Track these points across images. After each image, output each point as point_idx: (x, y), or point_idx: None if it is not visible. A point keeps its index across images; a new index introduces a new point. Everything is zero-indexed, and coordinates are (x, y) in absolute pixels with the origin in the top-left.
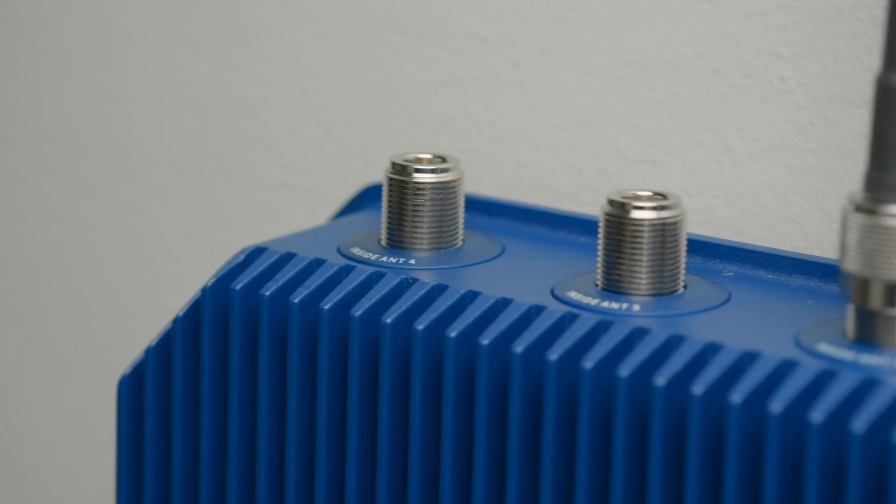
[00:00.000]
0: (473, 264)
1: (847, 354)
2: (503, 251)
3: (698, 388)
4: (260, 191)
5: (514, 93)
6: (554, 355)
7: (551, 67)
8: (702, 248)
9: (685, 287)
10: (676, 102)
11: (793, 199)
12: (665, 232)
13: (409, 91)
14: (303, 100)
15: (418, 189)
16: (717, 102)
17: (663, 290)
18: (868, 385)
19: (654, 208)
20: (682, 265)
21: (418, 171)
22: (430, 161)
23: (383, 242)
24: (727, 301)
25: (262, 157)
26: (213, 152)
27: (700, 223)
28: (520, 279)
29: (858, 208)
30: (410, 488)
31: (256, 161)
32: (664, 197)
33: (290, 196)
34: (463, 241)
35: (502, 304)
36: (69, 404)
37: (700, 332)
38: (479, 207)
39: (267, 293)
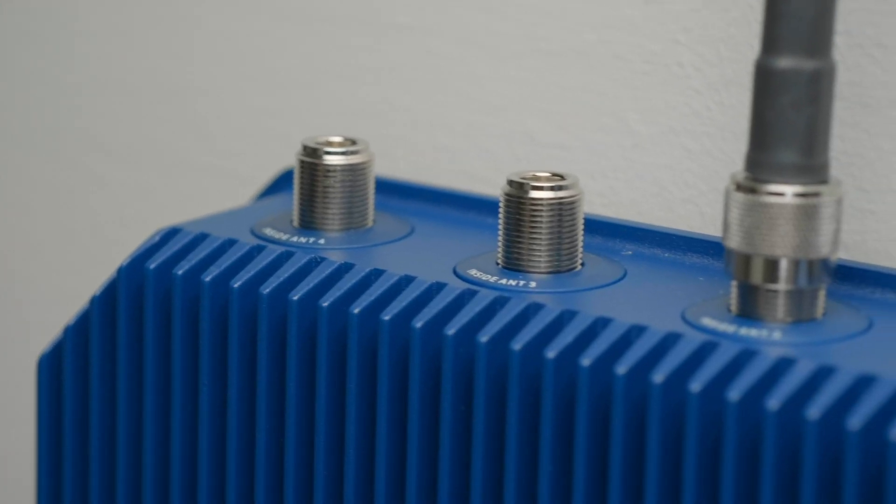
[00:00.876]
0: (381, 244)
1: (729, 328)
2: (412, 231)
3: (586, 360)
4: (190, 175)
5: (430, 79)
6: (451, 330)
7: (465, 54)
8: (602, 228)
9: (582, 264)
10: (582, 88)
11: (690, 181)
12: (562, 211)
13: (331, 78)
14: (230, 86)
15: (328, 171)
16: (620, 87)
17: (561, 268)
18: (746, 356)
19: (552, 188)
20: (580, 243)
21: (328, 153)
22: (340, 143)
23: (295, 223)
24: (622, 278)
25: (191, 143)
26: (144, 138)
27: (604, 205)
28: (425, 258)
29: (739, 187)
30: (317, 463)
31: (186, 146)
32: (562, 178)
33: (219, 180)
34: (373, 221)
35: (405, 281)
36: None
37: (592, 307)
38: (392, 190)
39: (179, 272)
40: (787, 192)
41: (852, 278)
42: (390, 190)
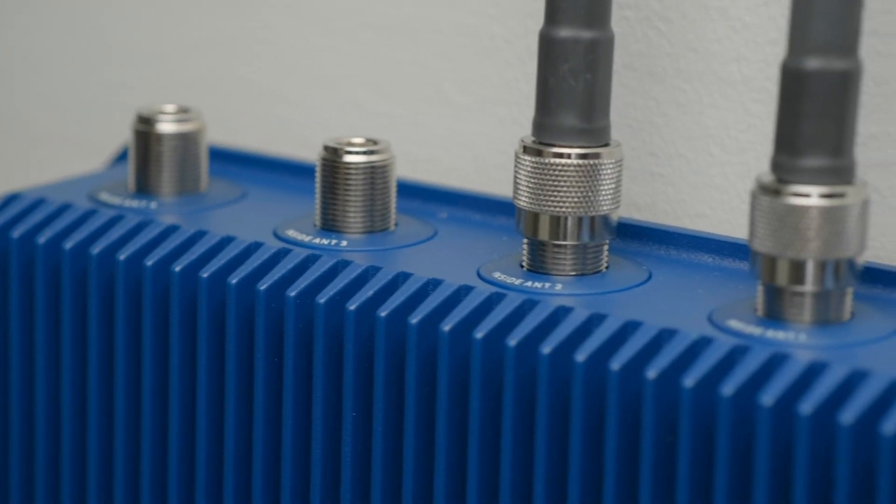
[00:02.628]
0: (212, 207)
1: (516, 281)
2: (244, 195)
3: (383, 311)
4: (41, 146)
5: (267, 52)
6: (264, 286)
7: (299, 28)
8: (420, 192)
9: (396, 225)
10: (406, 60)
11: (502, 148)
12: (374, 174)
13: (173, 50)
14: (81, 60)
15: (161, 139)
16: (439, 60)
17: (374, 228)
18: (529, 304)
19: (364, 153)
20: (392, 205)
21: (161, 121)
22: (173, 113)
23: (131, 189)
24: (433, 236)
25: (42, 114)
26: None
27: (427, 171)
28: (252, 221)
29: (526, 150)
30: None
31: (37, 118)
32: (375, 143)
33: (69, 151)
34: (207, 187)
35: (198, 235)
36: None
37: (398, 263)
38: (229, 158)
39: (15, 235)
40: (570, 154)
41: (640, 237)
42: (227, 158)
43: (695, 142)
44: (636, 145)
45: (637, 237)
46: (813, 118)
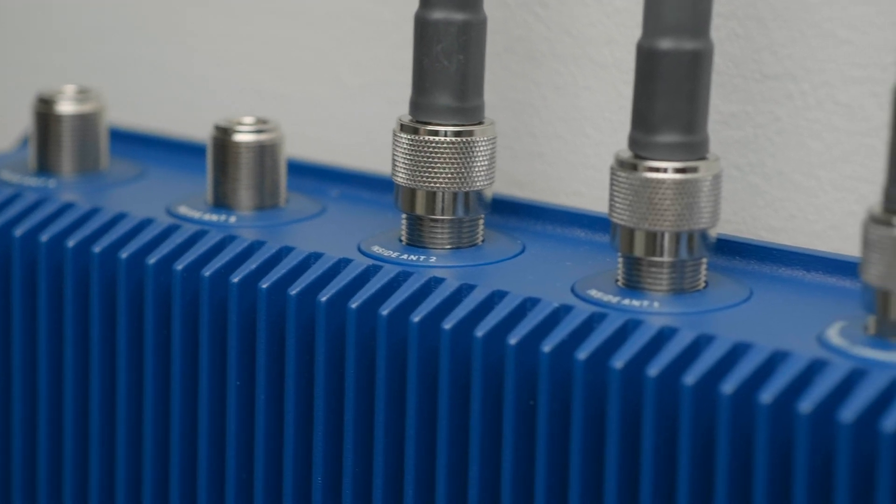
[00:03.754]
0: (112, 185)
1: (393, 254)
2: (142, 174)
3: (265, 283)
4: None
5: (169, 35)
6: (152, 259)
7: (203, 12)
8: (313, 172)
9: (287, 202)
10: (302, 44)
11: (392, 128)
12: (264, 153)
13: (78, 33)
14: None
15: (60, 119)
16: (334, 43)
17: (264, 205)
18: (404, 275)
19: (253, 132)
20: (282, 183)
21: (61, 102)
22: (72, 94)
23: (32, 168)
24: (320, 213)
25: None
26: None
27: (324, 151)
28: (147, 198)
29: (403, 128)
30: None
31: None
32: (264, 122)
33: None
34: (107, 166)
35: (92, 212)
36: None
37: (283, 238)
38: (129, 139)
39: None
40: (443, 131)
41: (518, 212)
42: (129, 139)
43: (571, 123)
44: (517, 126)
45: (515, 213)
46: (665, 96)
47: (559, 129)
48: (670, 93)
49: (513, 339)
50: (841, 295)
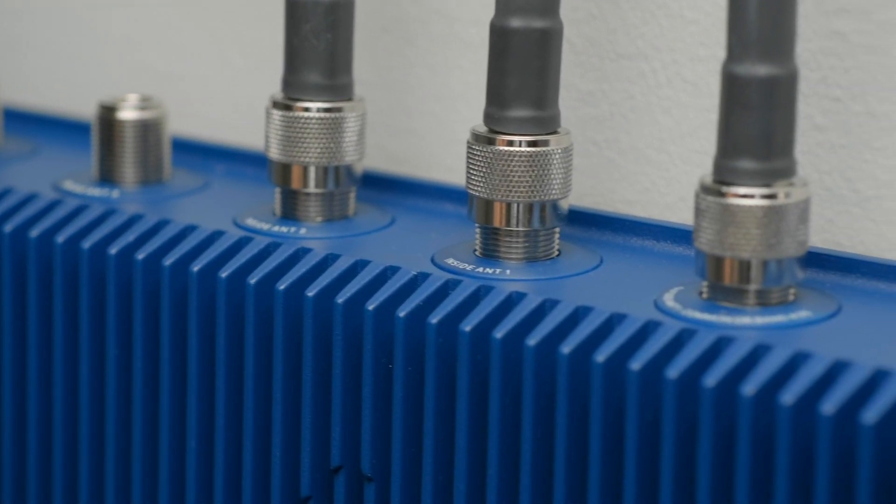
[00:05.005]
0: (2, 163)
1: (265, 226)
2: (35, 151)
3: (141, 255)
4: None
5: (62, 15)
6: (34, 232)
7: None
8: (197, 150)
9: (171, 177)
10: (196, 27)
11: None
12: (147, 129)
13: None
14: None
15: None
16: (223, 24)
17: (148, 180)
18: (273, 246)
19: (138, 108)
20: (166, 159)
21: None
22: None
23: None
24: (202, 188)
25: None
26: None
27: (212, 128)
28: (36, 174)
29: (276, 105)
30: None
31: None
32: (148, 100)
33: None
34: (1, 145)
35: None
36: None
37: (162, 211)
38: (23, 119)
39: None
40: (312, 108)
41: (392, 188)
42: (22, 118)
43: (443, 100)
44: (393, 104)
45: (388, 188)
46: (516, 73)
47: (432, 106)
48: (521, 69)
49: (371, 306)
50: (687, 263)
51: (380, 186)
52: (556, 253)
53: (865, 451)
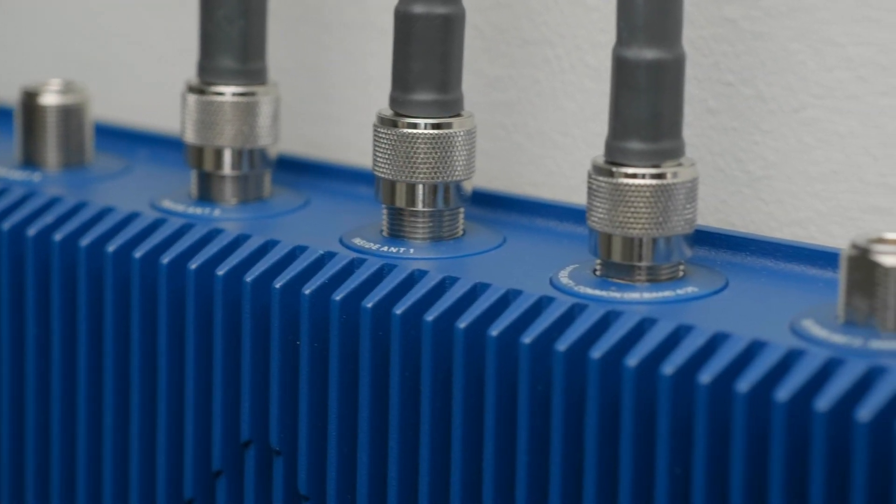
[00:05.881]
0: None
1: (180, 207)
2: None
3: (58, 236)
4: None
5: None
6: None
7: None
8: (123, 135)
9: (93, 161)
10: (119, 13)
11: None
12: (69, 114)
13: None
14: None
15: None
16: (147, 12)
17: (70, 164)
18: (186, 227)
19: (60, 94)
20: (88, 143)
21: None
22: None
23: None
24: (124, 170)
25: None
26: None
27: (143, 115)
28: None
29: (191, 89)
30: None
31: None
32: (70, 85)
33: None
34: None
35: None
36: None
37: (82, 193)
38: None
39: None
40: (226, 92)
41: (307, 171)
42: None
43: (359, 86)
44: (311, 90)
45: (304, 172)
46: (420, 57)
47: (348, 92)
48: (424, 54)
49: (278, 284)
50: (587, 242)
51: (296, 170)
52: (461, 233)
53: (739, 419)
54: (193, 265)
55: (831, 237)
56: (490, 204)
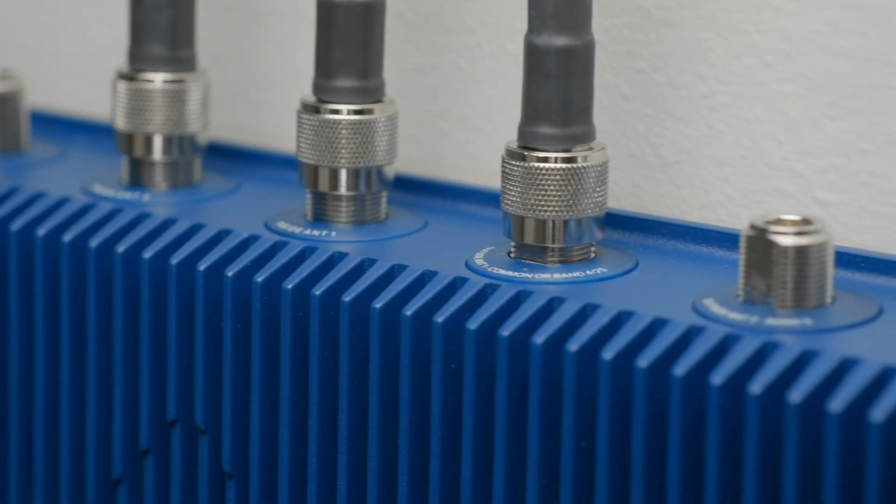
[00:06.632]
0: None
1: (122, 194)
2: None
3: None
4: None
5: None
6: None
7: None
8: (59, 123)
9: (29, 148)
10: (55, 1)
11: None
12: (5, 102)
13: None
14: None
15: None
16: (83, 1)
17: (7, 151)
18: (116, 211)
19: None
20: (24, 130)
21: None
22: None
23: None
24: (59, 157)
25: None
26: None
27: (80, 102)
28: None
29: (121, 76)
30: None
31: None
32: (6, 72)
33: None
34: None
35: None
36: None
37: (15, 179)
38: None
39: None
40: (156, 80)
41: (239, 158)
42: None
43: (290, 75)
44: (245, 78)
45: (237, 158)
46: (341, 45)
47: (280, 80)
48: (345, 41)
49: (202, 266)
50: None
51: (228, 156)
52: (384, 216)
53: (640, 394)
54: (121, 248)
55: (739, 220)
56: (413, 189)
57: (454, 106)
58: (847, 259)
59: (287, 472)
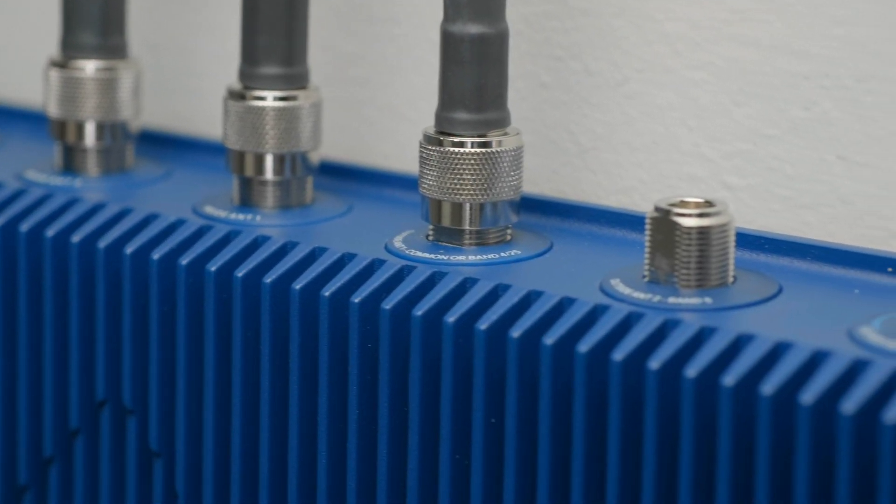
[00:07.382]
0: None
1: (56, 180)
2: None
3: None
4: None
5: None
6: None
7: None
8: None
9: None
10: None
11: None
12: None
13: None
14: None
15: None
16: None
17: None
18: (48, 196)
19: None
20: None
21: None
22: None
23: None
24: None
25: None
26: None
27: (16, 90)
28: None
29: (53, 64)
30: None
31: None
32: None
33: None
34: None
35: None
36: None
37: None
38: None
39: None
40: (87, 68)
41: (169, 145)
42: None
43: (222, 62)
44: (178, 65)
45: (169, 145)
46: (265, 32)
47: (213, 67)
48: (269, 29)
49: (129, 250)
50: None
51: (162, 143)
52: (309, 201)
53: (546, 372)
54: (50, 232)
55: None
56: (341, 175)
57: (381, 94)
58: (751, 241)
59: (211, 451)
